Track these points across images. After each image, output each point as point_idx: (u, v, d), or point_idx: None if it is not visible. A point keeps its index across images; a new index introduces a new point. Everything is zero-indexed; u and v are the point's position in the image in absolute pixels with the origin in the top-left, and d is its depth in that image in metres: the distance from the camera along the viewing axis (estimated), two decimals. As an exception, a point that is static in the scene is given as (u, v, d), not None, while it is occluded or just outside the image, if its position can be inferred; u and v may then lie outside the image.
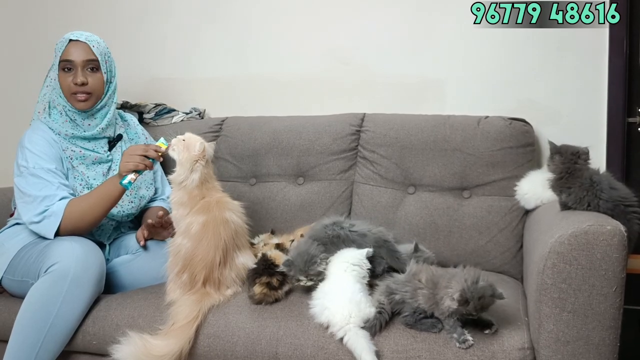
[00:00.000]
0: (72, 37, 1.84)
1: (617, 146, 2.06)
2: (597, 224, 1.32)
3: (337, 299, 1.47)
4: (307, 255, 1.58)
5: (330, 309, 1.47)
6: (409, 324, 1.45)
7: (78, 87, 1.82)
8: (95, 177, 1.87)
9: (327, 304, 1.48)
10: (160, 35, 2.59)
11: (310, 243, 1.63)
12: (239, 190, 2.18)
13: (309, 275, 1.58)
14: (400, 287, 1.47)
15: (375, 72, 2.33)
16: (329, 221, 1.71)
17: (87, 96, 1.84)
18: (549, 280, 1.33)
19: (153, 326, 1.59)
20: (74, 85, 1.82)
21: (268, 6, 2.45)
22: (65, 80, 1.84)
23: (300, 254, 1.59)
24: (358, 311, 1.44)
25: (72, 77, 1.83)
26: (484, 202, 1.97)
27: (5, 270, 1.76)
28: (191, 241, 1.62)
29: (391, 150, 2.08)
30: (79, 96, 1.83)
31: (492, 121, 2.03)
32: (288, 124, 2.23)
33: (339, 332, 1.44)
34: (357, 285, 1.51)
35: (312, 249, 1.60)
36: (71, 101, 1.84)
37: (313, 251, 1.60)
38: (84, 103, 1.85)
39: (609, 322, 1.32)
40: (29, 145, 1.80)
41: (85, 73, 1.84)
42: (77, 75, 1.82)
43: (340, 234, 1.66)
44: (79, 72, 1.83)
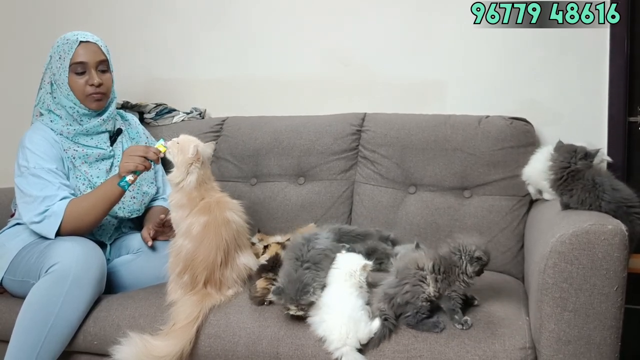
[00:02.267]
0: (82, 39, 1.84)
1: (618, 145, 2.06)
2: (598, 223, 1.32)
3: (336, 314, 1.43)
4: (299, 284, 1.45)
5: (328, 323, 1.43)
6: (411, 324, 1.45)
7: (94, 89, 1.83)
8: (98, 175, 1.87)
9: (326, 317, 1.45)
10: (161, 35, 2.59)
11: (299, 266, 1.50)
12: (240, 191, 2.18)
13: (300, 305, 1.46)
14: (398, 290, 1.45)
15: (376, 72, 2.33)
16: (304, 239, 1.59)
17: (102, 96, 1.86)
18: (550, 279, 1.33)
19: (154, 326, 1.59)
20: (89, 86, 1.83)
21: (268, 7, 2.45)
22: (77, 83, 1.83)
23: (292, 282, 1.46)
24: (356, 331, 1.40)
25: (85, 79, 1.83)
26: (484, 202, 1.97)
27: (6, 271, 1.75)
28: (192, 242, 1.62)
29: (392, 150, 2.08)
30: (94, 96, 1.84)
31: (493, 121, 2.03)
32: (289, 124, 2.23)
33: (335, 352, 1.41)
34: (358, 302, 1.47)
35: (305, 277, 1.47)
36: (85, 103, 1.85)
37: (306, 279, 1.46)
38: (99, 103, 1.86)
39: (610, 321, 1.32)
40: (29, 145, 1.80)
41: (98, 74, 1.84)
42: (92, 77, 1.83)
43: (326, 249, 1.56)
44: (93, 73, 1.83)
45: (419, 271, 1.45)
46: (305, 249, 1.54)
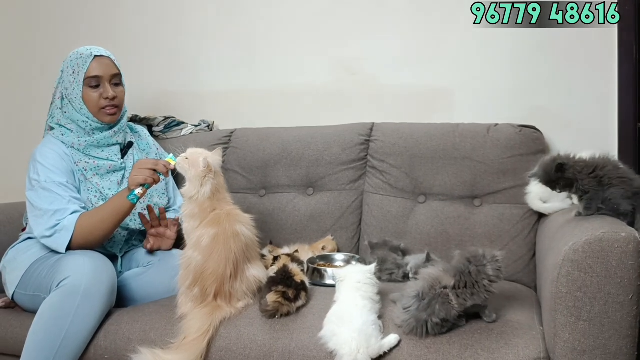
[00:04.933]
0: (96, 53, 1.86)
1: (628, 152, 2.04)
2: (611, 231, 1.30)
3: (346, 327, 1.42)
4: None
5: (339, 337, 1.42)
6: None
7: (109, 102, 1.85)
8: (110, 187, 1.88)
9: (337, 330, 1.43)
10: (170, 48, 2.60)
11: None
12: (249, 202, 2.19)
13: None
14: (430, 312, 1.41)
15: (384, 82, 2.33)
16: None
17: (115, 109, 1.88)
18: (564, 288, 1.32)
19: (165, 340, 1.59)
20: (104, 100, 1.85)
21: (276, 18, 2.46)
22: (91, 96, 1.85)
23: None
24: (367, 347, 1.38)
25: (99, 92, 1.85)
26: (495, 211, 1.96)
27: (18, 285, 1.76)
28: (202, 254, 1.62)
29: (401, 159, 2.07)
30: (108, 110, 1.86)
31: (501, 129, 2.02)
32: (297, 135, 2.23)
33: None
34: (370, 317, 1.45)
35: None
36: (99, 116, 1.86)
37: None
38: (113, 116, 1.88)
39: (626, 330, 1.30)
40: (40, 159, 1.81)
41: (112, 87, 1.87)
42: (107, 90, 1.85)
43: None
44: (107, 86, 1.85)
45: (444, 290, 1.43)
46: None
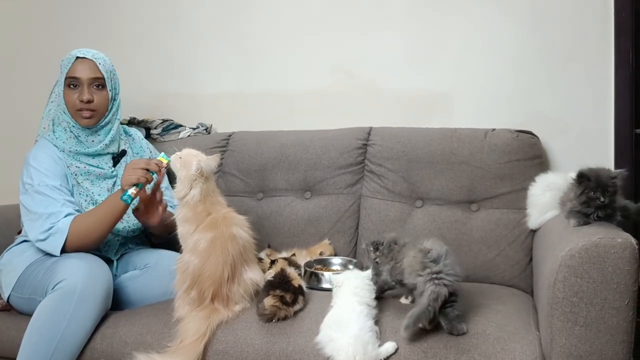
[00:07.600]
0: (79, 55, 1.86)
1: (625, 157, 2.05)
2: (607, 237, 1.31)
3: (343, 333, 1.41)
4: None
5: (335, 342, 1.41)
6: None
7: (83, 104, 1.84)
8: (100, 192, 1.88)
9: (334, 335, 1.43)
10: (167, 51, 2.61)
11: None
12: (247, 205, 2.18)
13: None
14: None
15: (382, 86, 2.34)
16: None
17: (92, 113, 1.86)
18: (560, 293, 1.32)
19: (161, 343, 1.58)
20: (79, 102, 1.84)
21: (274, 21, 2.46)
22: (70, 97, 1.85)
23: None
24: (364, 353, 1.38)
25: (77, 94, 1.84)
26: (492, 215, 1.96)
27: (13, 288, 1.75)
28: (199, 258, 1.62)
29: (398, 163, 2.08)
30: (84, 113, 1.85)
31: (499, 134, 2.03)
32: (295, 139, 2.23)
33: None
34: (367, 323, 1.45)
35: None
36: (76, 118, 1.86)
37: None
38: (89, 120, 1.86)
39: (622, 335, 1.30)
40: (33, 162, 1.81)
41: (91, 90, 1.85)
42: (83, 93, 1.84)
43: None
44: (85, 89, 1.84)
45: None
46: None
